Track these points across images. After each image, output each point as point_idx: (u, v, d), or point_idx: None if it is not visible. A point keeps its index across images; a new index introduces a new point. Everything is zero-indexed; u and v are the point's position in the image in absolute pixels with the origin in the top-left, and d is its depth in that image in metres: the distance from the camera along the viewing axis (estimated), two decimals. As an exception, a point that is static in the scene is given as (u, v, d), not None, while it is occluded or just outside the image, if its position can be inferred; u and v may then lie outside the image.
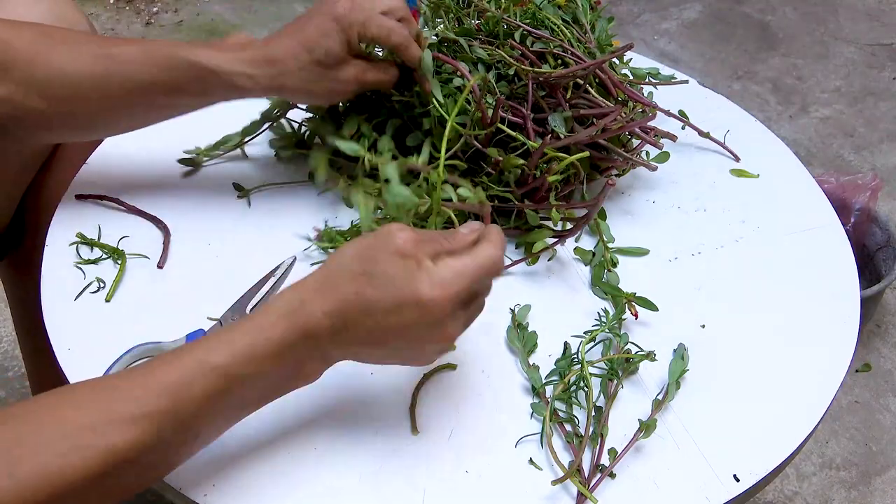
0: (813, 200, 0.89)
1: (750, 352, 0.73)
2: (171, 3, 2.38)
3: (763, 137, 0.98)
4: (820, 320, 0.76)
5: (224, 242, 0.79)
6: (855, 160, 1.98)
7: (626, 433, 0.65)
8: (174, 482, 0.60)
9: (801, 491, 1.35)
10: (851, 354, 0.73)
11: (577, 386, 0.67)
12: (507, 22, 0.83)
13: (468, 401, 0.67)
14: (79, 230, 0.78)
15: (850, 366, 0.73)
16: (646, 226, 0.85)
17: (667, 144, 0.87)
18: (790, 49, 2.33)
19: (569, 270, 0.80)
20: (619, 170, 0.86)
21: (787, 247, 0.83)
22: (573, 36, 0.84)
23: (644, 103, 0.86)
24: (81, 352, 0.69)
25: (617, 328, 0.72)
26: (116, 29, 2.27)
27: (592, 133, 0.78)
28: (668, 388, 0.68)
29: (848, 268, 0.81)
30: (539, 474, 0.63)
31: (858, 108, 2.13)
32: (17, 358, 1.43)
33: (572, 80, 0.81)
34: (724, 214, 0.87)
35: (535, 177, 0.77)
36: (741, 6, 2.49)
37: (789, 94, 2.17)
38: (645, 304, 0.74)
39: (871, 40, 2.38)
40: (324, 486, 0.61)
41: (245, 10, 2.37)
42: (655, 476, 0.63)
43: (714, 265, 0.81)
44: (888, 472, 1.38)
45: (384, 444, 0.64)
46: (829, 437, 1.42)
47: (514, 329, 0.73)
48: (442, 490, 0.62)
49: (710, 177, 0.91)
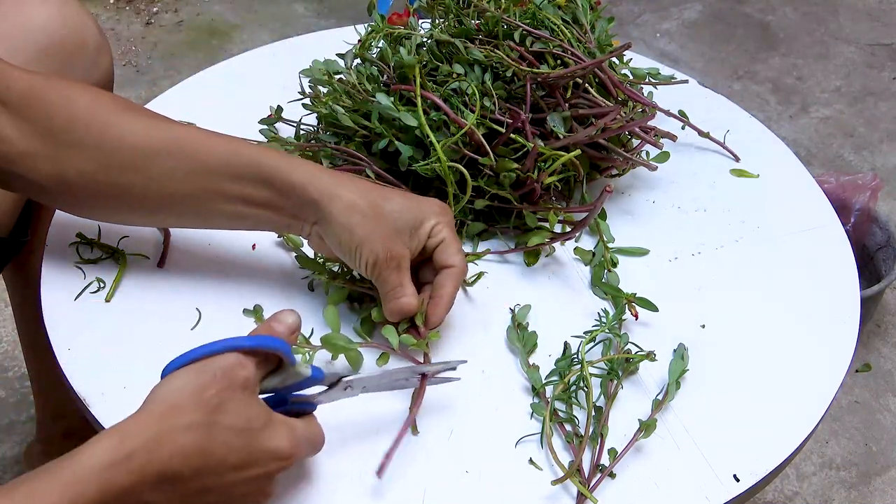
0: (813, 200, 0.89)
1: (750, 352, 0.73)
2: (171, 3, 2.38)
3: (763, 137, 0.98)
4: (820, 320, 0.76)
5: (224, 242, 0.79)
6: (855, 160, 1.98)
7: (626, 433, 0.65)
8: (174, 482, 0.60)
9: (801, 491, 1.35)
10: (851, 354, 0.73)
11: (577, 386, 0.67)
12: (507, 22, 0.83)
13: (468, 400, 0.67)
14: (79, 230, 0.78)
15: (850, 366, 0.73)
16: (646, 226, 0.85)
17: (667, 144, 0.87)
18: (790, 49, 2.33)
19: (569, 270, 0.80)
20: (619, 169, 0.86)
21: (787, 247, 0.83)
22: (573, 36, 0.84)
23: (644, 103, 0.86)
24: (81, 352, 0.69)
25: (617, 328, 0.72)
26: (116, 29, 2.27)
27: (592, 133, 0.78)
28: (668, 388, 0.68)
29: (848, 268, 0.81)
30: (539, 474, 0.63)
31: (858, 108, 2.13)
32: (17, 358, 1.43)
33: (571, 80, 0.81)
34: (724, 214, 0.87)
35: (532, 178, 0.77)
36: (741, 6, 2.49)
37: (789, 94, 2.17)
38: (645, 305, 0.74)
39: (871, 40, 2.37)
40: (324, 486, 0.61)
41: (245, 10, 2.37)
42: (655, 476, 0.63)
43: (714, 265, 0.81)
44: (888, 472, 1.38)
45: (384, 444, 0.64)
46: (829, 437, 1.42)
47: (514, 329, 0.73)
48: (442, 490, 0.62)
49: (710, 177, 0.91)
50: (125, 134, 0.68)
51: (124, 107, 0.70)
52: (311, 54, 0.91)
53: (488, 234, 0.82)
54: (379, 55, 0.85)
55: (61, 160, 0.67)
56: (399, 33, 0.85)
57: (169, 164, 0.67)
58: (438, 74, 0.81)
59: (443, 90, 0.79)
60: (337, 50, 0.89)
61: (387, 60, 0.84)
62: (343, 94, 0.83)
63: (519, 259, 0.80)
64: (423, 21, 0.93)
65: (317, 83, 0.88)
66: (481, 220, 0.82)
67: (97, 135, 0.67)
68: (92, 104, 0.68)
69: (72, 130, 0.67)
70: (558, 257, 0.81)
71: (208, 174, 0.67)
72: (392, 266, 0.66)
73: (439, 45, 0.84)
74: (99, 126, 0.67)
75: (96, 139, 0.67)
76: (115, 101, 0.70)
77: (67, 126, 0.67)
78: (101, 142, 0.67)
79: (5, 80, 0.66)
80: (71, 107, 0.67)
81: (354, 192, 0.67)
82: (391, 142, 0.78)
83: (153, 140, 0.68)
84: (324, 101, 0.84)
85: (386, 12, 1.41)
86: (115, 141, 0.67)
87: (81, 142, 0.67)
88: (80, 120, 0.67)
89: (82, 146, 0.67)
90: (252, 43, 2.21)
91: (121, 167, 0.67)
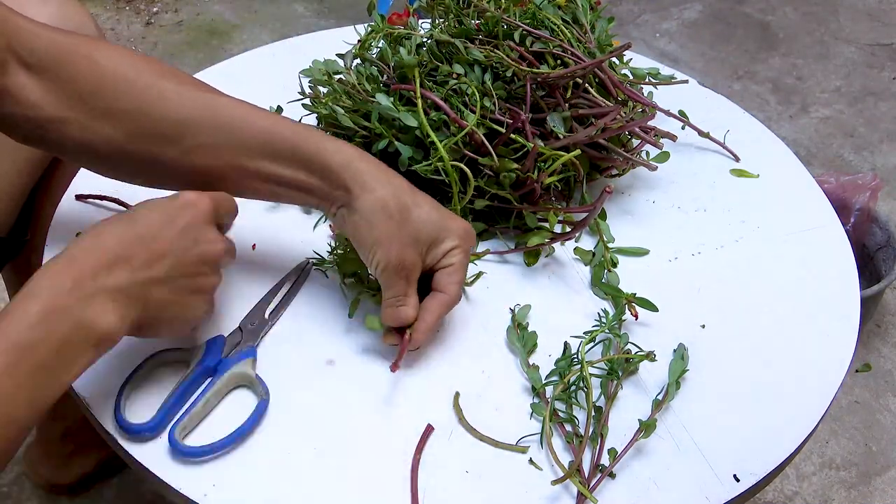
0: (813, 200, 0.89)
1: (750, 352, 0.73)
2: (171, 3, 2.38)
3: (763, 137, 0.98)
4: (820, 320, 0.76)
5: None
6: (855, 160, 1.98)
7: (626, 433, 0.65)
8: (174, 482, 0.60)
9: (801, 491, 1.35)
10: (851, 354, 0.73)
11: (576, 386, 0.67)
12: (507, 22, 0.83)
13: (468, 401, 0.67)
14: (79, 230, 0.78)
15: (850, 366, 0.73)
16: (646, 226, 0.85)
17: (667, 144, 0.87)
18: (790, 49, 2.33)
19: (569, 270, 0.80)
20: (619, 169, 0.86)
21: (787, 247, 0.83)
22: (573, 36, 0.84)
23: (644, 103, 0.86)
24: (81, 352, 0.69)
25: (617, 328, 0.72)
26: (116, 29, 2.27)
27: (592, 133, 0.78)
28: (667, 388, 0.68)
29: (848, 268, 0.81)
30: (539, 474, 0.63)
31: (858, 108, 2.13)
32: (17, 358, 1.43)
33: (571, 80, 0.81)
34: (724, 214, 0.87)
35: (532, 178, 0.77)
36: (741, 6, 2.49)
37: (789, 94, 2.17)
38: (645, 305, 0.74)
39: (871, 40, 2.38)
40: (323, 486, 0.61)
41: (245, 10, 2.37)
42: (655, 476, 0.63)
43: (714, 265, 0.81)
44: (888, 472, 1.38)
45: (384, 444, 0.64)
46: (829, 437, 1.42)
47: (514, 329, 0.73)
48: (442, 490, 0.62)
49: (710, 177, 0.91)
50: (158, 102, 0.65)
51: (159, 72, 0.67)
52: (311, 54, 0.91)
53: (488, 234, 0.82)
54: (379, 55, 0.85)
55: (89, 127, 0.65)
56: (399, 33, 0.85)
57: (203, 138, 0.66)
58: (438, 74, 0.81)
59: (443, 90, 0.79)
60: (337, 50, 0.89)
61: (387, 60, 0.84)
62: (343, 94, 0.83)
63: (519, 259, 0.80)
64: (423, 21, 0.93)
65: (317, 83, 0.88)
66: (481, 220, 0.82)
67: (126, 102, 0.65)
68: (122, 67, 0.66)
69: (100, 96, 0.65)
70: (558, 257, 0.81)
71: (245, 152, 0.66)
72: (402, 275, 0.66)
73: (439, 45, 0.84)
74: (130, 92, 0.65)
75: (126, 106, 0.65)
76: (149, 65, 0.68)
77: (96, 91, 0.65)
78: (131, 109, 0.65)
79: (29, 42, 0.64)
80: (98, 70, 0.65)
81: (387, 189, 0.65)
82: (391, 142, 0.78)
83: (189, 110, 0.66)
84: (324, 102, 0.84)
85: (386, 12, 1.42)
86: (147, 108, 0.65)
87: (110, 109, 0.65)
88: (108, 85, 0.65)
89: (111, 113, 0.65)
90: (252, 43, 2.21)
91: (152, 137, 0.65)
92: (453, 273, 0.67)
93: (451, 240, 0.67)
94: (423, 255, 0.67)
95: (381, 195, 0.65)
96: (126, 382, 0.65)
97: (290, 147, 0.66)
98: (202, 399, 0.64)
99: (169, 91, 0.66)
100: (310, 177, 0.66)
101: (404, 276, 0.66)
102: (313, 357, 0.70)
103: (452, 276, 0.68)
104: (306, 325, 0.73)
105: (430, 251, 0.67)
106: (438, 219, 0.67)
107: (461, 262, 0.68)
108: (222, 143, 0.66)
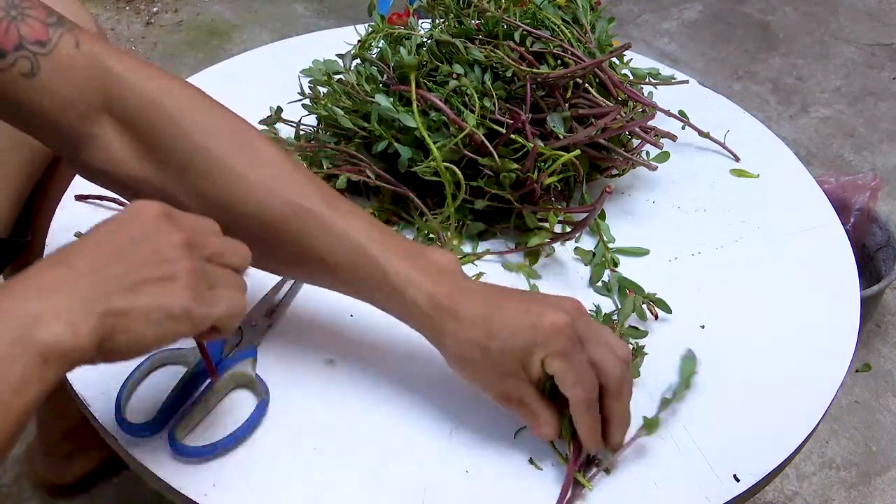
0: (813, 200, 0.89)
1: (750, 352, 0.73)
2: (171, 3, 2.38)
3: (763, 137, 0.98)
4: (820, 320, 0.76)
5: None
6: (855, 160, 1.98)
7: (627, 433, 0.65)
8: (174, 482, 0.60)
9: (801, 491, 1.35)
10: (851, 354, 0.73)
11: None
12: (507, 22, 0.83)
13: (468, 401, 0.67)
14: (78, 230, 0.78)
15: (850, 366, 0.73)
16: (646, 226, 0.85)
17: (667, 144, 0.87)
18: (790, 49, 2.33)
19: (569, 270, 0.80)
20: (619, 169, 0.86)
21: (787, 247, 0.83)
22: (573, 36, 0.84)
23: (644, 103, 0.86)
24: (81, 352, 0.69)
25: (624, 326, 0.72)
26: (116, 29, 2.27)
27: (592, 133, 0.78)
28: (678, 387, 0.68)
29: (848, 268, 0.81)
30: (539, 474, 0.63)
31: (858, 108, 2.13)
32: (18, 358, 1.43)
33: (571, 80, 0.81)
34: (724, 214, 0.87)
35: (532, 178, 0.77)
36: (741, 6, 2.49)
37: (789, 94, 2.17)
38: (660, 305, 0.74)
39: (871, 40, 2.38)
40: (323, 486, 0.61)
41: (245, 10, 2.37)
42: (655, 476, 0.63)
43: (714, 265, 0.81)
44: (888, 472, 1.38)
45: (384, 444, 0.64)
46: (829, 437, 1.42)
47: (514, 329, 0.72)
48: (442, 490, 0.62)
49: (710, 177, 0.91)
50: (244, 194, 0.62)
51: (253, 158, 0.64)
52: (311, 54, 0.91)
53: (488, 234, 0.82)
54: (379, 55, 0.85)
55: (170, 194, 0.63)
56: (399, 33, 0.85)
57: (286, 249, 0.64)
58: (438, 75, 0.81)
59: (443, 91, 0.79)
60: (337, 50, 0.89)
61: (386, 61, 0.84)
62: (342, 94, 0.83)
63: (519, 259, 0.80)
64: (423, 21, 0.93)
65: (316, 83, 0.88)
66: (481, 220, 0.82)
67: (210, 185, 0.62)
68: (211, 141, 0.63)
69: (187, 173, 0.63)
70: (558, 257, 0.81)
71: (326, 271, 0.64)
72: (513, 405, 0.63)
73: (439, 45, 0.84)
74: (215, 179, 0.63)
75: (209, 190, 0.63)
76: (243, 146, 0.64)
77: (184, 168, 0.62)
78: (211, 194, 0.63)
79: (122, 98, 0.62)
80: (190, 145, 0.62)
81: (464, 326, 0.61)
82: (390, 144, 0.78)
83: (272, 210, 0.63)
84: (323, 103, 0.84)
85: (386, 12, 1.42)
86: (229, 201, 0.63)
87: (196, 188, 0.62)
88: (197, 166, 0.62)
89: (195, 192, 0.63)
90: (252, 43, 2.21)
91: (229, 224, 0.61)
92: (561, 381, 0.61)
93: (537, 353, 0.61)
94: (523, 379, 0.62)
95: (456, 341, 0.62)
96: (126, 382, 0.65)
97: (380, 274, 0.63)
98: (202, 399, 0.64)
99: (257, 186, 0.63)
100: (389, 304, 0.64)
101: (516, 404, 0.63)
102: (313, 357, 0.70)
103: (563, 384, 0.61)
104: (306, 325, 0.73)
105: (527, 370, 0.62)
106: (520, 331, 0.61)
107: (560, 368, 0.60)
108: (304, 252, 0.64)
